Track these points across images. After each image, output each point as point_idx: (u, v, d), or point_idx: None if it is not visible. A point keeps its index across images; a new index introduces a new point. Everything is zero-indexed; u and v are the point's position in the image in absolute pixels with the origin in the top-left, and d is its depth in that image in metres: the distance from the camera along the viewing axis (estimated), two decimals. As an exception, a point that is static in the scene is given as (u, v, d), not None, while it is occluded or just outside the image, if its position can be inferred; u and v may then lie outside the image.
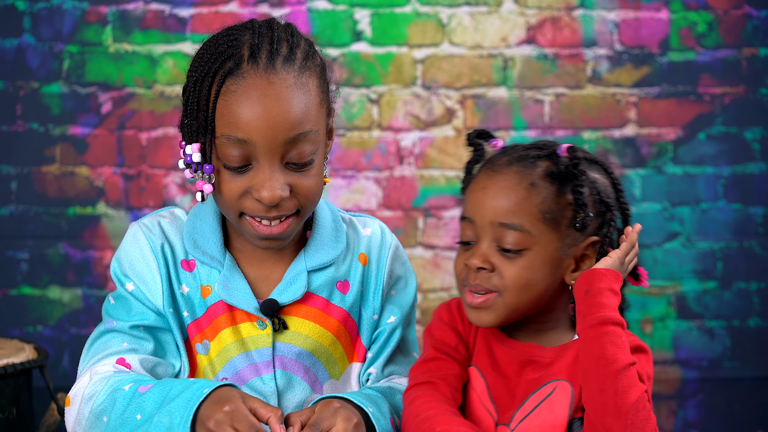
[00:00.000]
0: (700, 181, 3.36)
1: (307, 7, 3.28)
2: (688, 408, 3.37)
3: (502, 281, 1.50)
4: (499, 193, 1.51)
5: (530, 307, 1.53)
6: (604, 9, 3.32)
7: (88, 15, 3.24)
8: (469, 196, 1.55)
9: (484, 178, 1.54)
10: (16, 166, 3.24)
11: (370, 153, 3.30)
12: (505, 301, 1.51)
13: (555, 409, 1.50)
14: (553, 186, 1.50)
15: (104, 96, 3.25)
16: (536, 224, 1.49)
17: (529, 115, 3.32)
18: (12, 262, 3.25)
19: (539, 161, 1.52)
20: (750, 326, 3.37)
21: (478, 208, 1.52)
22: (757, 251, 3.37)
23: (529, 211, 1.49)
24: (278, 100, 1.51)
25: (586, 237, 1.53)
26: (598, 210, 1.53)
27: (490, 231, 1.51)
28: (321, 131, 1.58)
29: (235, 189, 1.54)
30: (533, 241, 1.49)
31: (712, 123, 3.35)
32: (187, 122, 1.56)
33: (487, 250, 1.51)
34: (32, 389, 2.70)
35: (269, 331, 1.62)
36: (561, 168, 1.50)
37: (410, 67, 3.30)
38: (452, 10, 3.30)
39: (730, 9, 3.34)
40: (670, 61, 3.34)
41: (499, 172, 1.52)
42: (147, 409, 1.48)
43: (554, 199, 1.50)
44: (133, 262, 1.63)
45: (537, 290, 1.51)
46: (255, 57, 1.52)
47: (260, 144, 1.51)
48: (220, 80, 1.52)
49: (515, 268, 1.49)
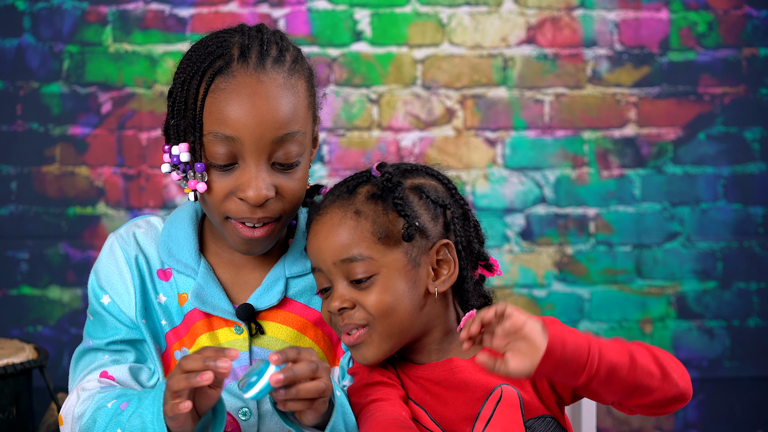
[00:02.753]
0: (700, 181, 3.36)
1: (307, 7, 3.28)
2: (688, 408, 3.37)
3: (366, 313, 1.49)
4: (329, 233, 1.51)
5: (406, 328, 1.51)
6: (604, 9, 3.32)
7: (88, 15, 3.24)
8: (308, 248, 1.56)
9: (313, 225, 1.55)
10: (16, 166, 3.24)
11: (370, 153, 3.30)
12: (378, 331, 1.50)
13: (509, 413, 1.48)
14: (378, 206, 1.50)
15: (104, 96, 3.25)
16: (374, 247, 1.49)
17: (529, 115, 3.32)
18: (12, 262, 3.25)
19: (359, 188, 1.53)
20: (750, 326, 3.37)
21: (316, 254, 1.52)
22: (757, 251, 3.37)
23: (362, 238, 1.49)
24: (267, 99, 1.51)
25: (434, 242, 1.51)
26: (434, 213, 1.52)
27: (336, 271, 1.50)
28: (308, 135, 1.57)
29: (220, 190, 1.54)
30: (379, 264, 1.49)
31: (712, 123, 3.35)
32: (174, 123, 1.56)
33: (341, 290, 1.50)
34: (32, 389, 2.70)
35: (246, 336, 1.62)
36: (378, 187, 1.51)
37: (410, 67, 3.30)
38: (452, 10, 3.30)
39: (730, 9, 3.34)
40: (670, 61, 3.34)
41: (324, 214, 1.53)
42: (123, 423, 1.49)
43: (382, 217, 1.50)
44: (108, 274, 1.63)
45: (403, 309, 1.49)
46: (245, 56, 1.52)
47: (248, 142, 1.50)
48: (209, 79, 1.52)
49: (373, 296, 1.48)
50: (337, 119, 3.29)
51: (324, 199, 1.57)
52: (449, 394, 1.52)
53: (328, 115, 3.29)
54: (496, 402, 1.49)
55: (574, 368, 1.35)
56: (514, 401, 1.49)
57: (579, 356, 1.35)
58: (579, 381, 1.37)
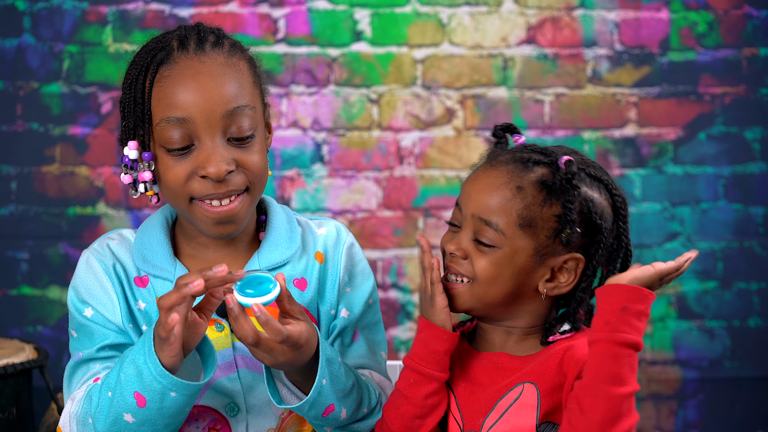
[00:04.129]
0: (700, 181, 3.36)
1: (307, 7, 3.28)
2: (688, 408, 3.37)
3: (472, 270, 1.52)
4: (485, 189, 1.53)
5: (497, 304, 1.54)
6: (604, 9, 3.32)
7: (88, 15, 3.24)
8: (465, 182, 1.58)
9: (480, 169, 1.57)
10: (16, 166, 3.24)
11: (370, 153, 3.30)
12: (474, 290, 1.53)
13: (523, 414, 1.49)
14: (541, 194, 1.50)
15: (104, 96, 3.25)
16: (512, 227, 1.50)
17: (529, 115, 3.32)
18: (12, 262, 3.25)
19: (536, 167, 1.52)
20: (750, 326, 3.37)
21: (465, 197, 1.55)
22: (757, 251, 3.37)
23: (508, 213, 1.50)
24: (211, 76, 1.55)
25: (569, 252, 1.52)
26: (587, 229, 1.51)
27: (470, 222, 1.53)
28: (258, 111, 1.60)
29: (181, 173, 1.56)
30: (505, 241, 1.50)
31: (712, 123, 3.35)
32: (125, 124, 1.59)
33: (464, 241, 1.53)
34: (32, 389, 2.70)
35: (227, 333, 1.63)
36: (555, 179, 1.50)
37: (410, 67, 3.30)
38: (452, 10, 3.30)
39: (730, 9, 3.34)
40: (670, 61, 3.34)
41: (495, 168, 1.54)
42: (112, 382, 1.50)
43: (537, 207, 1.50)
44: (89, 287, 1.64)
45: (504, 288, 1.52)
46: (184, 45, 1.57)
47: (199, 120, 1.54)
48: (153, 71, 1.56)
49: (485, 261, 1.51)
50: (337, 119, 3.29)
51: (505, 152, 1.58)
52: (484, 385, 1.54)
53: (328, 115, 3.29)
54: (512, 401, 1.50)
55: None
56: (532, 402, 1.49)
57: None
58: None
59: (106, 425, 1.50)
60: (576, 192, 1.49)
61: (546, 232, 1.50)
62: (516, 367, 1.53)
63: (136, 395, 1.47)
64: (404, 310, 3.30)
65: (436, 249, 1.60)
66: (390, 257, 3.29)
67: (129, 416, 1.48)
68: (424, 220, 3.29)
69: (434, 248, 1.56)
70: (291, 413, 1.66)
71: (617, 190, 1.56)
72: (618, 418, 1.38)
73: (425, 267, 1.56)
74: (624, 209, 1.56)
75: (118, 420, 1.49)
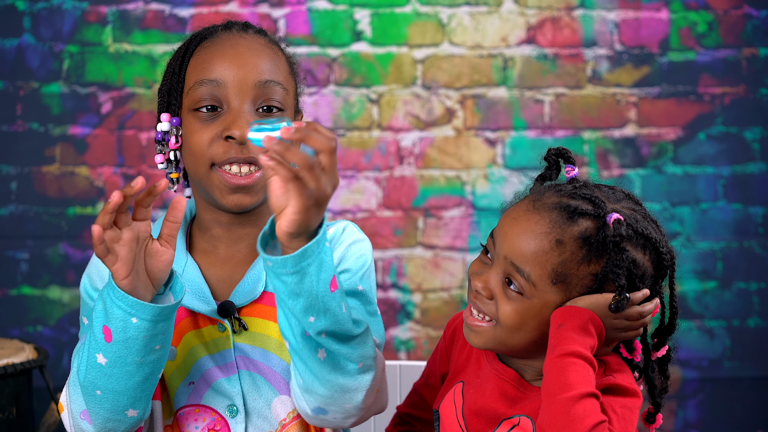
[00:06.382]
0: (700, 181, 3.36)
1: (307, 7, 3.28)
2: (688, 408, 3.37)
3: (496, 314, 1.46)
4: (523, 234, 1.43)
5: (519, 348, 1.48)
6: (604, 9, 3.32)
7: (88, 15, 3.24)
8: (504, 215, 1.49)
9: (523, 208, 1.47)
10: (16, 166, 3.24)
11: (370, 153, 3.30)
12: (497, 333, 1.46)
13: None
14: (581, 251, 1.42)
15: (104, 96, 3.25)
16: (544, 281, 1.42)
17: (529, 115, 3.32)
18: (12, 262, 3.25)
19: (581, 219, 1.43)
20: (750, 326, 3.37)
21: (501, 236, 1.47)
22: (757, 251, 3.37)
23: (542, 266, 1.42)
24: (250, 49, 1.61)
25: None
26: (619, 287, 1.42)
27: (502, 263, 1.45)
28: (291, 95, 1.63)
29: (206, 136, 1.58)
30: (535, 293, 1.43)
31: (712, 123, 3.35)
32: (160, 100, 1.63)
33: (492, 278, 1.46)
34: (32, 389, 2.70)
35: (229, 333, 1.62)
36: (599, 236, 1.41)
37: (410, 67, 3.30)
38: (452, 10, 3.30)
39: (730, 9, 3.34)
40: (670, 61, 3.34)
41: (537, 212, 1.45)
42: (88, 326, 1.52)
43: (575, 264, 1.42)
44: (103, 275, 1.64)
45: (527, 337, 1.45)
46: (229, 27, 1.65)
47: (231, 85, 1.57)
48: (194, 46, 1.63)
49: (510, 308, 1.44)
50: (337, 119, 3.29)
51: (551, 193, 1.48)
52: (490, 402, 1.51)
53: (328, 115, 3.29)
54: (510, 427, 1.47)
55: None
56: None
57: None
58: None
59: (84, 372, 1.49)
60: (624, 256, 1.41)
61: (579, 289, 1.43)
62: (520, 397, 1.49)
63: (104, 329, 1.45)
64: (404, 310, 3.30)
65: (436, 249, 1.59)
66: (390, 257, 3.29)
67: (101, 356, 1.46)
68: (424, 220, 3.29)
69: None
70: (293, 419, 1.64)
71: (665, 248, 1.49)
72: (574, 420, 1.33)
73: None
74: (672, 269, 1.50)
75: (91, 364, 1.47)
